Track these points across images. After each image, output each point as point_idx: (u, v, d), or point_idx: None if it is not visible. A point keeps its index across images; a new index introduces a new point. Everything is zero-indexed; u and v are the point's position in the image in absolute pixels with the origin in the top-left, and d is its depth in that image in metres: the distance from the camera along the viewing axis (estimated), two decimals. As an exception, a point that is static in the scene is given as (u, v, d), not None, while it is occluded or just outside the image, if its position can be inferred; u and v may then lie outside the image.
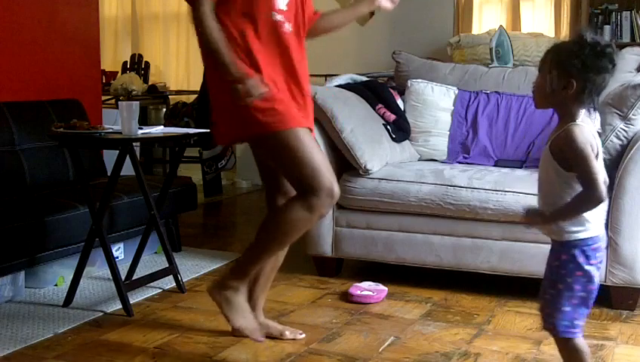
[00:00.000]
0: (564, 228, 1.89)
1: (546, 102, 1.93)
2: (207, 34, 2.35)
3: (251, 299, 2.60)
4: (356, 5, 2.63)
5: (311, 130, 2.46)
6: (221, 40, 2.33)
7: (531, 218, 1.93)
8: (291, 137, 2.34)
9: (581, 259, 1.88)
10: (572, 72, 1.82)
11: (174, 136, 3.21)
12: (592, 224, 1.89)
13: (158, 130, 3.20)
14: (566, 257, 1.90)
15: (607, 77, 1.84)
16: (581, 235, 1.88)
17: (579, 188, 1.84)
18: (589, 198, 1.81)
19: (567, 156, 1.84)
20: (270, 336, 2.63)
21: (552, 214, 1.89)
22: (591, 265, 1.89)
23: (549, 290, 1.93)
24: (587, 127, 1.85)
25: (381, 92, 3.78)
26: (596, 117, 1.92)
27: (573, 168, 1.84)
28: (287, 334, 2.66)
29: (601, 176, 1.82)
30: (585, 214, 1.86)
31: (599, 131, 1.92)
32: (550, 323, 1.94)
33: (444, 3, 5.97)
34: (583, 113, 1.87)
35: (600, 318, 2.94)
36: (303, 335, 2.69)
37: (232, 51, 2.34)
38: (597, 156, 1.84)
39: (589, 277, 1.89)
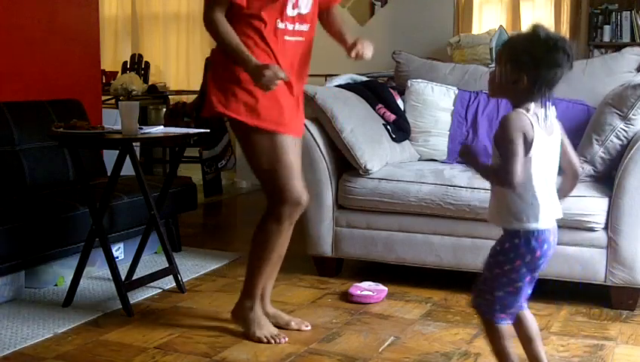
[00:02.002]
0: (512, 218, 1.91)
1: (499, 93, 1.98)
2: (222, 38, 2.45)
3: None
4: (346, 39, 2.67)
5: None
6: (236, 39, 2.42)
7: (467, 152, 1.95)
8: (272, 140, 2.48)
9: (523, 250, 1.91)
10: (523, 67, 1.86)
11: (174, 136, 3.21)
12: (541, 217, 1.90)
13: (158, 130, 3.20)
14: (509, 245, 1.93)
15: (559, 71, 1.86)
16: (527, 226, 1.90)
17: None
18: (501, 176, 1.85)
19: (498, 141, 1.88)
20: (277, 326, 2.71)
21: (480, 163, 1.92)
22: (533, 256, 1.91)
23: (486, 272, 1.97)
24: (527, 116, 1.86)
25: (381, 92, 3.78)
26: (550, 109, 1.92)
27: (500, 150, 1.87)
28: (293, 324, 2.75)
29: (519, 167, 1.82)
30: (535, 207, 1.88)
31: (549, 122, 1.92)
32: (477, 302, 2.00)
33: (444, 3, 5.97)
34: (533, 106, 1.89)
35: (600, 318, 2.94)
36: (309, 327, 2.75)
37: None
38: (529, 146, 1.84)
39: (528, 268, 1.92)
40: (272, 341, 2.58)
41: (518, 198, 1.90)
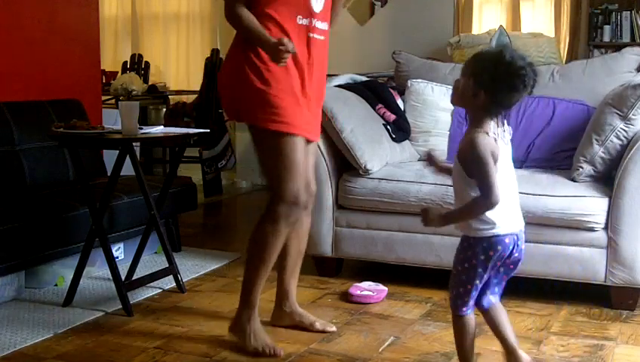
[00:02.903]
0: (471, 226, 2.02)
1: (460, 103, 2.06)
2: (243, 26, 2.43)
3: (282, 286, 2.75)
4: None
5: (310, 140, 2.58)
6: (257, 25, 2.40)
7: (429, 218, 2.04)
8: (277, 139, 2.44)
9: (477, 249, 2.02)
10: (482, 84, 1.94)
11: (174, 136, 3.21)
12: (500, 223, 2.00)
13: (158, 130, 3.20)
14: (466, 244, 2.05)
15: (516, 95, 1.95)
16: (486, 233, 2.01)
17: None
18: (484, 203, 1.95)
19: (467, 162, 1.97)
20: (301, 326, 2.73)
21: (446, 216, 2.04)
22: (487, 256, 2.02)
23: (453, 270, 2.11)
24: (490, 136, 1.96)
25: (381, 92, 3.78)
26: (505, 129, 2.02)
27: (473, 174, 1.96)
28: (318, 325, 2.75)
29: (497, 183, 1.92)
30: (490, 214, 1.98)
31: (511, 140, 2.07)
32: (449, 298, 2.12)
33: (444, 3, 5.97)
34: (491, 122, 1.98)
35: (600, 318, 2.94)
36: (334, 328, 2.75)
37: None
38: (496, 162, 1.95)
39: (483, 267, 2.03)
40: (268, 352, 2.50)
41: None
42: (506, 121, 2.03)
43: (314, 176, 2.71)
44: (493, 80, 1.93)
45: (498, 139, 1.98)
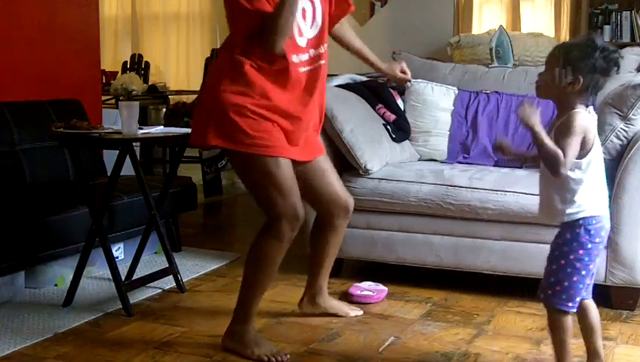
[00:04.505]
0: (561, 212, 2.07)
1: (549, 94, 2.11)
2: (281, 18, 2.28)
3: (315, 287, 2.87)
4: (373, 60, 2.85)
5: (305, 161, 2.58)
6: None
7: (530, 114, 2.01)
8: (267, 162, 2.40)
9: (584, 238, 2.06)
10: (582, 70, 2.01)
11: (174, 136, 3.20)
12: (589, 205, 2.05)
13: (158, 130, 3.20)
14: (570, 236, 2.07)
15: (607, 80, 2.05)
16: (580, 215, 2.06)
17: (578, 173, 2.03)
18: (554, 163, 1.97)
19: (563, 128, 2.01)
20: (336, 315, 2.87)
21: (541, 133, 1.98)
22: (593, 243, 2.06)
23: (552, 265, 2.11)
24: (589, 115, 2.04)
25: (381, 92, 3.78)
26: (594, 115, 2.10)
27: (558, 141, 1.99)
28: (351, 314, 2.91)
29: (573, 157, 1.98)
30: (580, 196, 2.04)
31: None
32: (547, 295, 2.12)
33: (444, 3, 5.98)
34: (582, 107, 2.04)
35: (600, 318, 2.93)
36: (361, 312, 2.92)
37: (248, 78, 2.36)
38: (592, 145, 2.03)
39: (589, 255, 2.07)
40: (274, 359, 2.46)
41: (580, 189, 2.04)
42: (591, 106, 2.08)
43: (345, 189, 2.77)
44: (593, 65, 2.00)
45: (594, 124, 2.05)
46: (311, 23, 2.48)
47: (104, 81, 6.27)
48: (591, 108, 2.08)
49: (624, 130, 3.09)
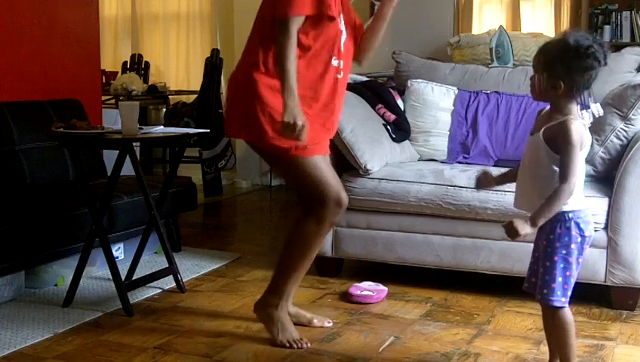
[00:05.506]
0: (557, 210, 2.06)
1: (541, 98, 2.11)
2: (283, 65, 2.37)
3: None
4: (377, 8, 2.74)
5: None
6: (293, 75, 2.37)
7: (517, 228, 2.00)
8: (306, 164, 2.51)
9: (574, 232, 2.07)
10: (559, 75, 2.00)
11: (174, 136, 3.20)
12: (576, 199, 2.05)
13: (158, 130, 3.20)
14: (561, 230, 2.07)
15: (592, 73, 2.00)
16: (568, 208, 2.05)
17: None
18: (567, 189, 1.98)
19: (558, 143, 2.01)
20: (298, 324, 2.73)
21: (534, 217, 2.02)
22: (583, 236, 2.07)
23: (545, 263, 2.09)
24: (581, 122, 2.03)
25: (381, 92, 3.78)
26: (591, 110, 2.07)
27: (558, 153, 2.01)
28: (316, 322, 2.79)
29: (577, 172, 1.99)
30: (577, 192, 2.04)
31: (590, 126, 2.13)
32: (544, 293, 2.09)
33: (444, 3, 5.97)
34: (575, 107, 2.05)
35: (600, 318, 2.94)
36: (331, 323, 2.80)
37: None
38: (582, 147, 2.02)
39: (579, 249, 2.08)
40: (295, 345, 2.54)
41: (556, 178, 2.03)
42: (592, 99, 2.06)
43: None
44: (567, 68, 1.99)
45: (585, 127, 2.05)
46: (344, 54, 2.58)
47: (104, 81, 6.27)
48: (595, 106, 2.06)
49: (624, 130, 3.09)
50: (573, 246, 2.07)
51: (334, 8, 2.44)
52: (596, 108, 2.08)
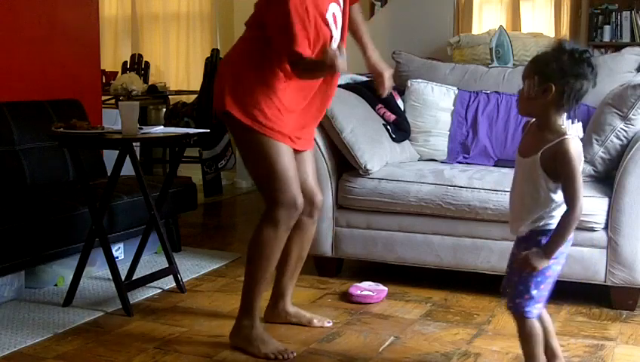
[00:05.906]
0: (537, 222, 2.03)
1: (528, 108, 2.04)
2: (313, 74, 2.49)
3: (279, 288, 2.76)
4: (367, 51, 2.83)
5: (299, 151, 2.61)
6: (317, 63, 2.42)
7: (534, 262, 1.99)
8: (269, 145, 2.46)
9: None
10: (551, 76, 1.93)
11: (174, 136, 3.20)
12: (560, 214, 2.00)
13: (158, 130, 3.20)
14: (543, 243, 2.02)
15: (585, 83, 1.94)
16: (554, 223, 2.00)
17: (560, 195, 1.98)
18: (574, 215, 1.95)
19: (558, 169, 1.96)
20: (299, 324, 2.73)
21: (547, 249, 1.99)
22: (561, 252, 2.02)
23: (521, 273, 2.05)
24: (578, 140, 1.97)
25: (381, 92, 3.77)
26: (578, 125, 2.01)
27: (561, 180, 1.96)
28: (315, 322, 2.77)
29: (582, 192, 1.94)
30: (559, 212, 2.00)
31: (582, 138, 2.07)
32: (515, 303, 2.08)
33: (444, 3, 5.97)
34: (564, 120, 1.98)
35: (600, 318, 2.94)
36: (331, 323, 2.78)
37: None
38: (580, 164, 1.97)
39: (557, 263, 2.05)
40: (280, 357, 2.48)
41: (551, 203, 2.01)
42: (577, 120, 2.00)
43: (317, 185, 2.74)
44: (561, 68, 1.93)
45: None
46: (341, 26, 2.57)
47: (104, 81, 6.27)
48: (578, 125, 2.00)
49: (624, 130, 3.09)
50: (552, 261, 2.03)
51: (311, 40, 2.42)
52: (579, 128, 2.00)
